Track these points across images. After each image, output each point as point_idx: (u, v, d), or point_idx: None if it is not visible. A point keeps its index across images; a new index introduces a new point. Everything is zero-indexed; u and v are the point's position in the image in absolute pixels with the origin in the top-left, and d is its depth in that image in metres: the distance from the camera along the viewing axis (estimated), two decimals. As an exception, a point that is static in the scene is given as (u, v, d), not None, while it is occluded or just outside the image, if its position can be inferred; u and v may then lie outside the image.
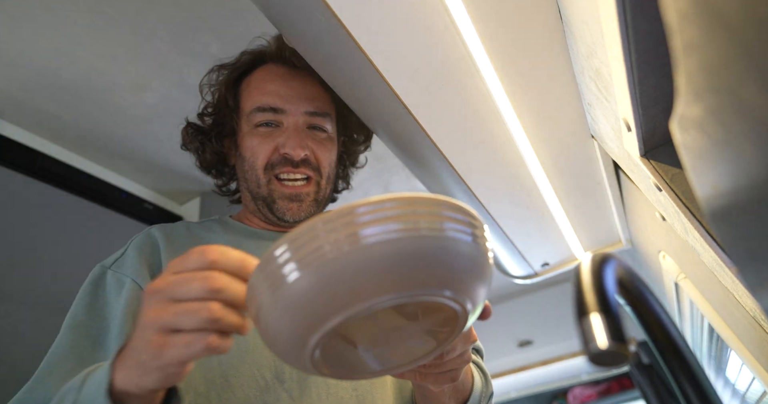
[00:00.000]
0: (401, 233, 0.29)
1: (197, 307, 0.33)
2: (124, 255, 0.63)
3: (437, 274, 0.31)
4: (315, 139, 0.71)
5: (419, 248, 0.29)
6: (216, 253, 0.34)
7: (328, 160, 0.72)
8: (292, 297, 0.29)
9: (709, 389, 0.42)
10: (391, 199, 0.29)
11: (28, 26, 0.94)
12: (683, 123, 0.19)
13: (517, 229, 0.95)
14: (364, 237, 0.28)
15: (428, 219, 0.30)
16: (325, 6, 0.48)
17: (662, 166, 0.52)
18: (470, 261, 0.31)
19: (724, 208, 0.19)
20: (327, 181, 0.72)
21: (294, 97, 0.70)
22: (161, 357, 0.34)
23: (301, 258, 0.29)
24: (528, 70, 0.60)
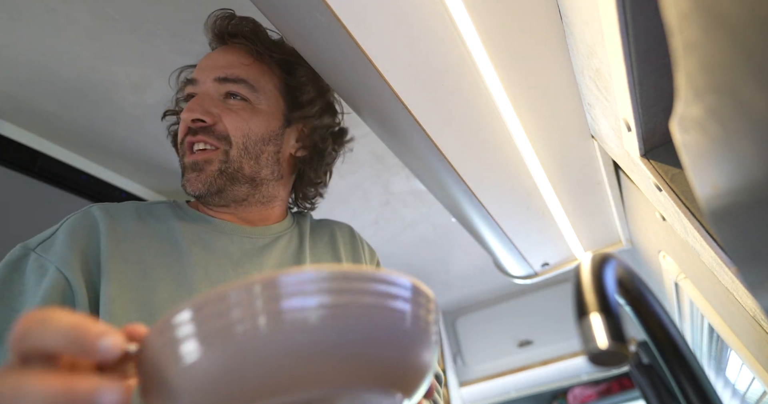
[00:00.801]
0: (331, 316, 0.24)
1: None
2: (53, 237, 0.55)
3: (367, 366, 0.26)
4: (227, 106, 0.65)
5: (354, 337, 0.25)
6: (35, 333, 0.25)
7: (240, 129, 0.65)
8: (192, 379, 0.24)
9: (709, 389, 0.42)
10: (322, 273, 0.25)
11: (28, 26, 0.94)
12: (683, 123, 0.19)
13: (517, 229, 0.95)
14: (285, 318, 0.24)
15: (362, 297, 0.25)
16: (325, 6, 0.48)
17: (662, 166, 0.52)
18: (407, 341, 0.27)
19: (724, 208, 0.19)
20: (243, 153, 0.65)
21: (209, 66, 0.68)
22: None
23: (209, 335, 0.24)
24: (528, 70, 0.60)
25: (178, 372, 0.24)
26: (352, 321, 0.25)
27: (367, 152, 1.37)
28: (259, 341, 0.24)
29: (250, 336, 0.24)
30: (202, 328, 0.24)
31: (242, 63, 0.68)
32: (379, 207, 1.63)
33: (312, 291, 0.24)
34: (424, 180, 0.88)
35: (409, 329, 0.27)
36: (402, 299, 0.27)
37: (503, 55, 0.57)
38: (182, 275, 0.57)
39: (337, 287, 0.25)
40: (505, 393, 2.65)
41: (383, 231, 1.76)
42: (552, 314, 2.36)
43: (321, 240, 0.76)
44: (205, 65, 0.68)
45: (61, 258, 0.52)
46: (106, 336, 0.25)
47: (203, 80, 0.67)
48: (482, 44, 0.55)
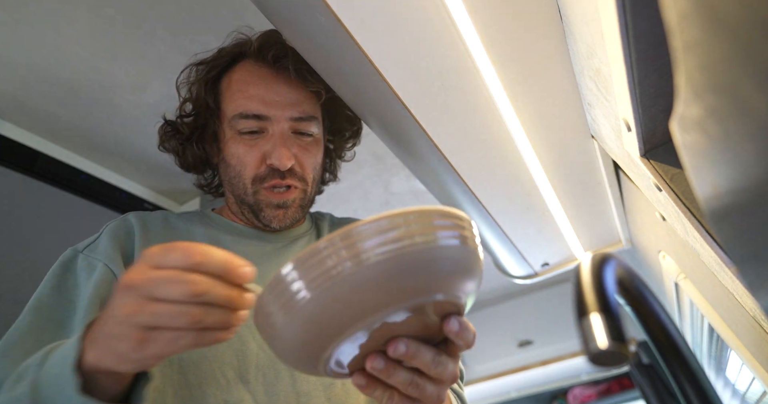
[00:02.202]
0: (399, 250, 0.32)
1: (177, 311, 0.33)
2: (97, 240, 0.62)
3: (436, 280, 0.33)
4: (300, 144, 0.69)
5: (418, 261, 0.32)
6: (200, 254, 0.34)
7: (313, 164, 0.70)
8: (305, 316, 0.32)
9: (709, 389, 0.42)
10: (385, 218, 0.32)
11: (28, 26, 0.94)
12: (683, 123, 0.19)
13: (517, 229, 0.95)
14: (367, 257, 0.31)
15: (422, 231, 0.33)
16: (325, 6, 0.48)
17: (662, 166, 0.52)
18: (463, 262, 0.35)
19: (724, 208, 0.19)
20: (312, 185, 0.71)
21: (279, 102, 0.67)
22: (142, 351, 0.34)
23: (312, 280, 0.31)
24: (528, 70, 0.60)
25: (295, 313, 0.32)
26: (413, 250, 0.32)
27: (367, 152, 1.37)
28: (350, 278, 0.31)
29: (344, 275, 0.31)
30: (307, 276, 0.31)
31: (308, 98, 0.70)
32: (379, 207, 1.63)
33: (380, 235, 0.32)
34: (424, 180, 0.88)
35: (460, 248, 0.34)
36: (447, 226, 0.34)
37: (503, 55, 0.57)
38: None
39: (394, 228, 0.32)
40: (505, 393, 2.65)
41: (383, 231, 1.76)
42: (552, 314, 2.36)
43: None
44: (273, 101, 0.67)
45: (107, 256, 0.58)
46: (247, 267, 0.36)
47: (278, 119, 0.67)
48: (482, 44, 0.55)
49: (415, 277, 0.32)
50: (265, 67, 0.69)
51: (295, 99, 0.68)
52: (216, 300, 0.34)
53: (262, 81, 0.69)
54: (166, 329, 0.34)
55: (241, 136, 0.67)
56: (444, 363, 0.38)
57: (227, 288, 0.35)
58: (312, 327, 0.32)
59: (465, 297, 0.37)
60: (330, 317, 0.32)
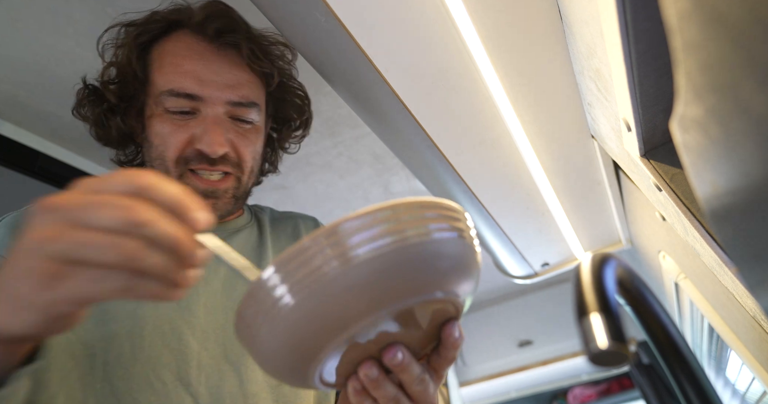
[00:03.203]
0: (390, 245, 0.29)
1: (108, 241, 0.26)
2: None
3: (430, 278, 0.31)
4: (238, 131, 0.61)
5: (410, 257, 0.29)
6: (148, 179, 0.28)
7: (251, 154, 0.63)
8: (291, 324, 0.29)
9: (709, 389, 0.42)
10: (374, 211, 0.29)
11: (28, 26, 0.94)
12: (683, 123, 0.19)
13: (517, 229, 0.95)
14: (356, 255, 0.28)
15: (413, 225, 0.30)
16: (325, 6, 0.48)
17: (662, 166, 0.52)
18: (459, 257, 0.32)
19: (724, 208, 0.19)
20: (249, 175, 0.64)
21: (216, 82, 0.59)
22: (53, 289, 0.26)
23: (296, 283, 0.28)
24: (528, 70, 0.60)
25: (280, 320, 0.29)
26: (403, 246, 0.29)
27: (367, 152, 1.37)
28: (336, 278, 0.28)
29: (331, 276, 0.28)
30: (291, 279, 0.28)
31: (249, 81, 0.63)
32: (379, 207, 1.63)
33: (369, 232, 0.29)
34: (424, 180, 0.88)
35: (456, 240, 0.32)
36: (445, 218, 0.31)
37: (503, 55, 0.57)
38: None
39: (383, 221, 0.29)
40: (505, 393, 2.65)
41: (383, 231, 1.76)
42: (552, 314, 2.36)
43: (284, 232, 0.73)
44: (209, 80, 0.59)
45: (7, 248, 0.49)
46: (203, 211, 0.29)
47: (213, 101, 0.59)
48: (482, 44, 0.55)
49: (408, 274, 0.30)
50: (205, 42, 0.61)
51: (236, 81, 0.61)
52: (159, 237, 0.27)
53: (200, 56, 0.60)
54: (89, 264, 0.26)
55: (169, 115, 0.59)
56: (426, 382, 0.36)
57: (175, 226, 0.27)
58: (301, 335, 0.29)
59: (463, 297, 0.35)
60: (320, 322, 0.29)
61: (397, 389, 0.35)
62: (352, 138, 1.29)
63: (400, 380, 0.35)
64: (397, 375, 0.35)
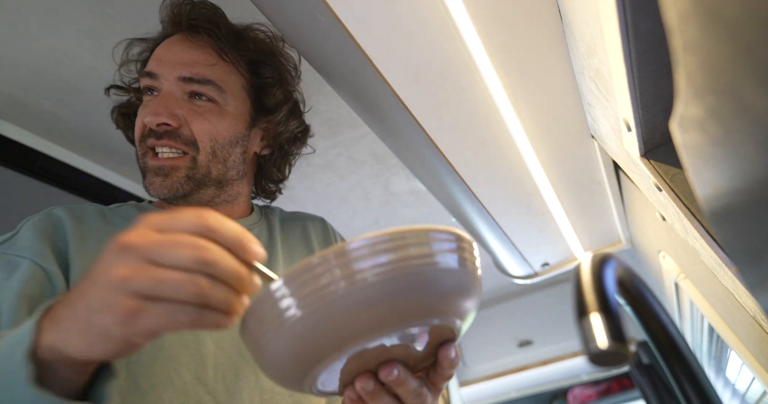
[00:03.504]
0: (395, 270, 0.30)
1: (184, 279, 0.29)
2: (15, 237, 0.55)
3: (432, 302, 0.32)
4: (192, 108, 0.62)
5: (413, 282, 0.31)
6: (214, 220, 0.31)
7: (209, 133, 0.62)
8: (294, 335, 0.30)
9: (709, 389, 0.42)
10: (382, 236, 0.31)
11: (28, 26, 0.94)
12: (683, 123, 0.19)
13: (517, 229, 0.95)
14: (363, 278, 0.30)
15: (419, 252, 0.31)
16: (325, 6, 0.48)
17: (662, 166, 0.52)
18: (461, 284, 0.34)
19: (724, 208, 0.19)
20: (211, 158, 0.62)
21: (170, 60, 0.62)
22: (132, 325, 0.29)
23: (303, 298, 0.30)
24: (528, 70, 0.60)
25: (285, 331, 0.30)
26: (408, 272, 0.31)
27: (367, 152, 1.36)
28: (341, 298, 0.30)
29: (337, 295, 0.30)
30: (298, 293, 0.30)
31: (208, 61, 0.64)
32: (379, 207, 1.63)
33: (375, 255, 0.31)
34: (424, 180, 0.88)
35: (458, 269, 0.33)
36: (450, 247, 0.33)
37: (503, 55, 0.57)
38: None
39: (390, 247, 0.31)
40: (505, 393, 2.65)
41: (383, 231, 1.76)
42: (552, 314, 2.36)
43: (293, 232, 0.74)
44: (165, 58, 0.63)
45: (34, 251, 0.51)
46: (259, 245, 0.32)
47: (165, 76, 0.62)
48: (482, 44, 0.55)
49: (411, 299, 0.31)
50: (180, 34, 0.66)
51: (190, 59, 0.63)
52: (225, 274, 0.30)
53: (169, 43, 0.65)
54: (165, 300, 0.29)
55: (144, 98, 0.64)
56: (424, 395, 0.38)
57: (238, 264, 0.31)
58: (301, 346, 0.31)
59: (461, 322, 0.36)
60: (321, 337, 0.30)
61: (394, 400, 0.37)
62: (352, 138, 1.29)
63: (396, 393, 0.37)
64: (393, 389, 0.36)
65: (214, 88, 0.63)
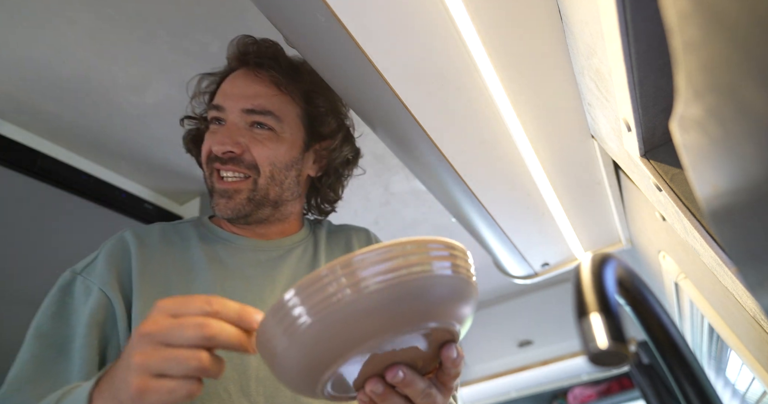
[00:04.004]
0: (397, 278, 0.33)
1: (188, 356, 0.35)
2: (95, 262, 0.63)
3: (432, 307, 0.36)
4: (253, 136, 0.69)
5: (414, 289, 0.34)
6: (219, 305, 0.37)
7: (268, 158, 0.69)
8: (306, 341, 0.34)
9: (709, 389, 0.42)
10: (384, 247, 0.34)
11: (28, 26, 0.94)
12: (683, 123, 0.19)
13: (517, 229, 0.95)
14: (366, 285, 0.33)
15: (418, 260, 0.34)
16: (325, 6, 0.48)
17: (662, 166, 0.52)
18: (456, 289, 0.37)
19: (724, 208, 0.19)
20: (270, 180, 0.70)
21: (234, 94, 0.70)
22: (141, 400, 0.35)
23: (313, 306, 0.33)
24: (528, 70, 0.60)
25: (296, 337, 0.33)
26: (410, 280, 0.34)
27: (367, 152, 1.36)
28: (350, 305, 0.33)
29: (344, 302, 0.33)
30: (308, 302, 0.33)
31: (268, 94, 0.71)
32: (379, 207, 1.63)
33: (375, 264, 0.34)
34: (424, 180, 0.88)
35: (453, 276, 0.36)
36: (443, 257, 0.36)
37: (503, 55, 0.57)
38: (202, 291, 0.62)
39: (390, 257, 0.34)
40: (505, 393, 2.65)
41: (383, 231, 1.76)
42: (552, 314, 2.36)
43: (338, 246, 0.80)
44: (231, 93, 0.71)
45: (102, 280, 0.59)
46: (259, 314, 0.38)
47: (230, 109, 0.70)
48: (482, 44, 0.55)
49: (411, 305, 0.34)
50: (244, 69, 0.74)
51: (253, 92, 0.71)
52: (227, 342, 0.36)
53: (233, 78, 0.73)
54: (171, 377, 0.35)
55: (210, 127, 0.72)
56: (434, 395, 0.40)
57: (237, 331, 0.37)
58: (313, 351, 0.34)
59: (459, 325, 0.39)
60: (330, 342, 0.33)
61: (405, 400, 0.40)
62: (352, 138, 1.29)
63: (406, 394, 0.39)
64: (402, 390, 0.39)
65: (273, 118, 0.70)
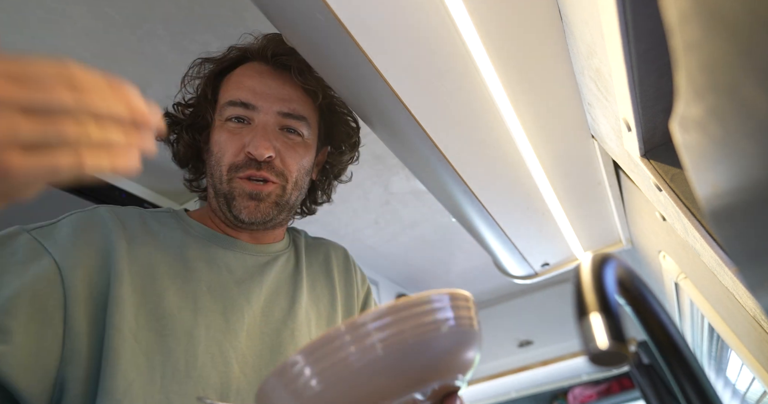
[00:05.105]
0: (404, 339, 0.33)
1: (66, 122, 0.26)
2: (53, 226, 0.54)
3: (441, 365, 0.35)
4: (286, 141, 0.67)
5: (423, 348, 0.34)
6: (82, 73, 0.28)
7: (296, 165, 0.67)
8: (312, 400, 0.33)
9: (709, 389, 0.41)
10: (390, 309, 0.34)
11: (28, 26, 0.94)
12: (683, 123, 0.19)
13: (517, 229, 0.95)
14: (375, 349, 0.33)
15: (426, 318, 0.34)
16: (325, 6, 0.48)
17: (662, 166, 0.52)
18: (465, 343, 0.37)
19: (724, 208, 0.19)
20: (294, 186, 0.68)
21: (268, 95, 0.66)
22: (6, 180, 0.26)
23: (322, 370, 0.33)
24: (528, 70, 0.60)
25: (303, 401, 0.33)
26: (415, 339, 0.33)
27: (367, 152, 1.36)
28: (360, 369, 0.32)
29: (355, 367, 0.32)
30: (317, 367, 0.33)
31: (301, 98, 0.69)
32: (379, 207, 1.63)
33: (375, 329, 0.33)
34: (424, 180, 0.88)
35: (455, 330, 0.36)
36: (444, 309, 0.36)
37: (503, 55, 0.57)
38: (186, 287, 0.58)
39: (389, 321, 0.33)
40: (505, 393, 2.65)
41: (383, 231, 1.76)
42: (552, 314, 2.36)
43: (316, 260, 0.78)
44: (263, 92, 0.67)
45: (63, 251, 0.51)
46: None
47: (265, 110, 0.66)
48: (482, 44, 0.55)
49: (421, 364, 0.34)
50: (264, 65, 0.69)
51: (287, 95, 0.67)
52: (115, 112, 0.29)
53: (258, 75, 0.68)
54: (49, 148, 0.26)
55: (227, 124, 0.66)
56: None
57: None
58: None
59: (463, 376, 0.39)
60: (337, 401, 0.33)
61: None
62: (352, 138, 1.29)
63: None
64: None
65: (305, 124, 0.68)
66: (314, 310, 0.70)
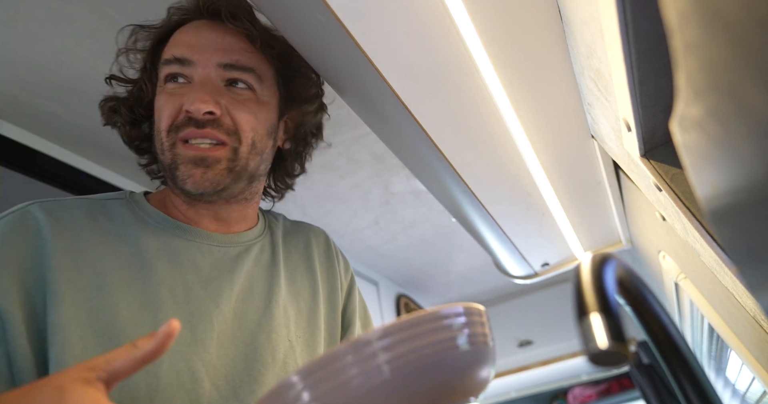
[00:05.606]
0: (412, 360, 0.30)
1: None
2: None
3: (455, 387, 0.33)
4: (233, 97, 0.58)
5: (432, 369, 0.31)
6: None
7: (250, 123, 0.58)
8: None
9: (709, 389, 0.41)
10: (394, 327, 0.31)
11: (28, 26, 0.94)
12: (683, 123, 0.19)
13: (517, 229, 0.95)
14: (378, 369, 0.30)
15: (435, 337, 0.31)
16: (325, 6, 0.48)
17: (662, 166, 0.52)
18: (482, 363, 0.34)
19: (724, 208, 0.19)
20: (251, 149, 0.59)
21: (206, 46, 0.58)
22: None
23: (323, 395, 0.30)
24: (528, 70, 0.60)
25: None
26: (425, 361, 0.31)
27: (367, 152, 1.36)
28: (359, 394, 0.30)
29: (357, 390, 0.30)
30: (315, 391, 0.30)
31: (246, 49, 0.60)
32: (379, 207, 1.63)
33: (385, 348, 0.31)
34: (424, 180, 0.88)
35: (471, 349, 0.33)
36: (458, 326, 0.33)
37: (503, 55, 0.57)
38: (145, 295, 0.51)
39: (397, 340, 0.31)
40: (505, 393, 2.65)
41: (383, 231, 1.76)
42: (552, 314, 2.36)
43: (296, 249, 0.71)
44: (199, 44, 0.58)
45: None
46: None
47: (203, 63, 0.57)
48: (482, 44, 0.55)
49: (432, 387, 0.31)
50: (203, 19, 0.62)
51: (228, 45, 0.59)
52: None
53: (195, 29, 0.60)
54: None
55: (165, 86, 0.59)
56: None
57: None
58: None
59: (476, 398, 0.37)
60: None
61: None
62: (352, 138, 1.29)
63: None
64: None
65: (254, 77, 0.60)
66: (293, 307, 0.64)
